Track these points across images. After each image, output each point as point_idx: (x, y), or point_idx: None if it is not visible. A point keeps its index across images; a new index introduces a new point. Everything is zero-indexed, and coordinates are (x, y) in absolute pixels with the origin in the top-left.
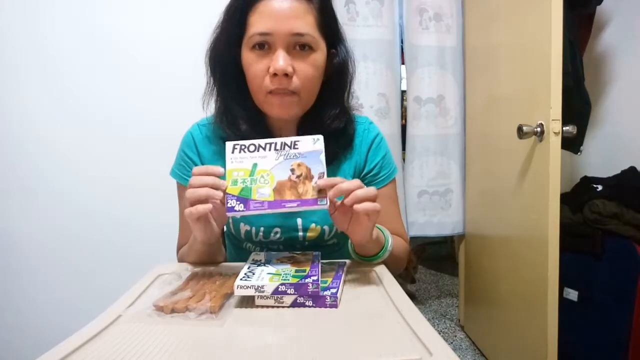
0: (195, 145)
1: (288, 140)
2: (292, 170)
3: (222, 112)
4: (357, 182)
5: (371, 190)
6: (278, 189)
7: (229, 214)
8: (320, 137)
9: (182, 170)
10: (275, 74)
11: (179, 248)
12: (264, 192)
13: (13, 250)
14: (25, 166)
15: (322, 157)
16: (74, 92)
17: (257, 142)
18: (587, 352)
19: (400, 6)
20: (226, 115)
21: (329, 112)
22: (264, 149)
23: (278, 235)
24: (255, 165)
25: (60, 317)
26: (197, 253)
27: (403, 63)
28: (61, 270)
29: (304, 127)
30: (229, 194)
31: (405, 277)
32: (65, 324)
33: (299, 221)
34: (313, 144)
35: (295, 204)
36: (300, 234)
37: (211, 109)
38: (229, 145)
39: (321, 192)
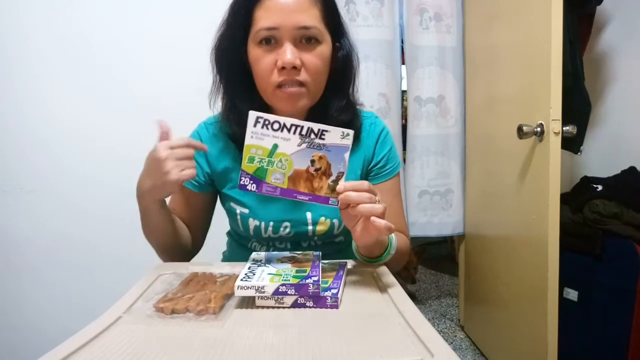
0: None
1: (316, 127)
2: (313, 161)
3: (229, 109)
4: (366, 193)
5: (378, 207)
6: (293, 178)
7: (241, 190)
8: (351, 133)
9: None
10: (283, 67)
11: None
12: (278, 177)
13: (13, 250)
14: (24, 166)
15: (347, 155)
16: (73, 91)
17: (282, 120)
18: (587, 352)
19: (400, 6)
20: (233, 113)
21: (335, 105)
22: (289, 130)
23: (287, 230)
24: (275, 146)
25: (60, 318)
26: (145, 217)
27: (403, 63)
28: (61, 270)
29: (312, 120)
30: (244, 171)
31: (405, 277)
32: (65, 324)
33: (309, 215)
34: (341, 139)
35: (307, 198)
36: (310, 227)
37: (218, 107)
38: (252, 115)
39: (335, 191)
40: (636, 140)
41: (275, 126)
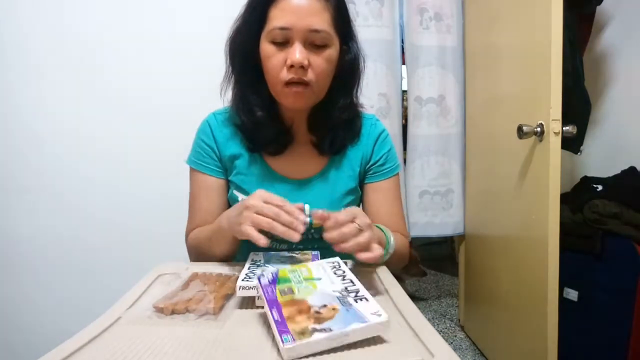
0: (211, 131)
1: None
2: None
3: (239, 99)
4: (345, 229)
5: (361, 240)
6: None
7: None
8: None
9: (198, 157)
10: (292, 66)
11: (188, 233)
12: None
13: (13, 251)
14: (24, 166)
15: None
16: (73, 92)
17: None
18: (587, 352)
19: (401, 6)
20: (243, 103)
21: (338, 104)
22: None
23: None
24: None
25: (61, 318)
26: (224, 240)
27: (404, 63)
28: (61, 271)
29: (315, 116)
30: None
31: (416, 273)
32: (65, 325)
33: (306, 207)
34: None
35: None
36: (307, 219)
37: (227, 97)
38: None
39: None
40: (636, 140)
41: None
